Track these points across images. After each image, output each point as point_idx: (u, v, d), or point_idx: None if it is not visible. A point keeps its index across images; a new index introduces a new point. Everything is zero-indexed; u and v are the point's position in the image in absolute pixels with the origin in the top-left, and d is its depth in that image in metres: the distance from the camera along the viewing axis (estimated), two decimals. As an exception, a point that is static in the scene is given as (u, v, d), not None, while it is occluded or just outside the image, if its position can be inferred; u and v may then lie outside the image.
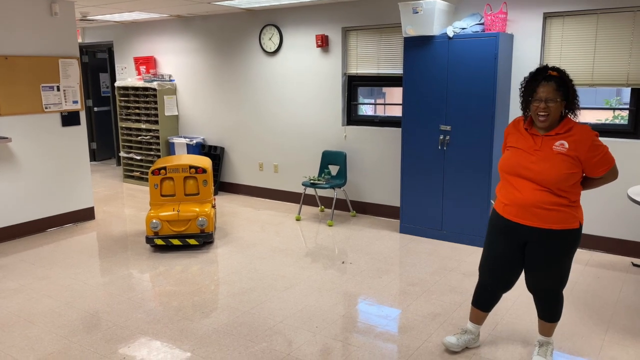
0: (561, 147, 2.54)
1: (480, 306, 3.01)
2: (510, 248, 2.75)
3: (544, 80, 2.54)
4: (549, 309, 2.82)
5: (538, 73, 2.59)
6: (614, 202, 4.61)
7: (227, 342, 3.18)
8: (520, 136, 2.70)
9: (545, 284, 2.74)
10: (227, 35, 6.85)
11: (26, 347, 3.15)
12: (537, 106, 2.56)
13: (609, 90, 7.19)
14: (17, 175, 5.22)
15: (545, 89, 2.53)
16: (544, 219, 2.58)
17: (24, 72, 5.16)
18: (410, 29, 4.83)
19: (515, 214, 2.66)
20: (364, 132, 5.92)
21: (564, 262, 2.67)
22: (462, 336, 3.07)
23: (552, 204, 2.56)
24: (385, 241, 5.11)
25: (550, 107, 2.53)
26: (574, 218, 2.60)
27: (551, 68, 2.59)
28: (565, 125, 2.59)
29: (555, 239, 2.61)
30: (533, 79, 2.60)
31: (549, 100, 2.52)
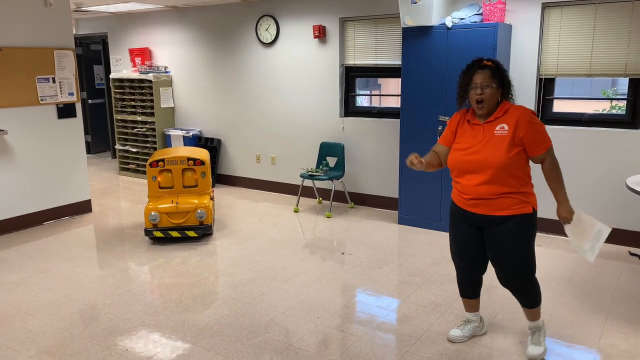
0: (502, 130, 2.63)
1: (467, 295, 3.06)
2: (470, 233, 2.83)
3: (479, 69, 2.67)
4: (526, 297, 2.84)
5: (473, 64, 2.71)
6: (611, 192, 4.63)
7: (230, 333, 3.18)
8: (465, 130, 2.78)
9: (511, 272, 2.77)
10: (223, 26, 6.81)
11: (28, 339, 3.14)
12: (474, 93, 2.66)
13: (605, 80, 7.21)
14: (13, 168, 5.18)
15: (480, 76, 2.65)
16: (494, 207, 2.67)
17: (19, 63, 5.10)
18: (409, 20, 4.81)
19: (468, 205, 2.75)
20: (362, 124, 5.92)
21: (522, 246, 2.71)
22: (465, 326, 3.09)
23: (496, 194, 2.64)
24: (383, 232, 5.12)
25: (486, 92, 2.63)
26: (525, 203, 2.66)
27: (486, 59, 2.71)
28: (502, 108, 2.69)
29: (509, 224, 2.67)
30: (469, 69, 2.71)
31: (484, 86, 2.63)
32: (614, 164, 4.58)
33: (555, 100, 4.92)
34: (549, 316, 3.37)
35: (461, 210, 2.81)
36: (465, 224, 2.83)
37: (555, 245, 4.69)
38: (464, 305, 3.12)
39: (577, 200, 4.78)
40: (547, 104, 4.90)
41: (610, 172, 4.60)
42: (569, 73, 4.71)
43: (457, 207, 2.85)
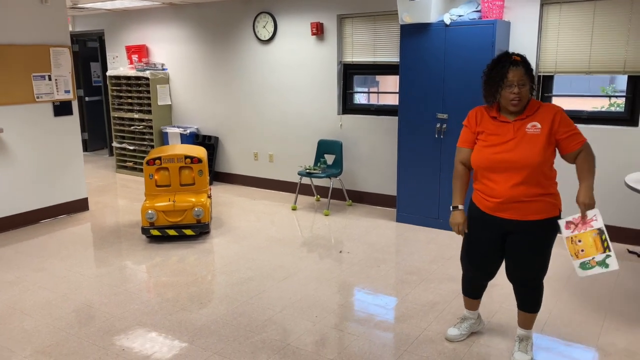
0: (534, 128, 2.52)
1: (470, 294, 3.03)
2: (490, 239, 2.71)
3: (512, 66, 2.51)
4: (529, 299, 2.77)
5: (503, 59, 2.56)
6: (610, 190, 4.62)
7: (227, 333, 3.16)
8: (489, 127, 2.63)
9: (526, 273, 2.70)
10: (220, 23, 6.77)
11: (23, 339, 3.11)
12: (510, 92, 2.51)
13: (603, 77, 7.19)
14: (9, 166, 5.14)
15: (515, 73, 2.50)
16: (523, 212, 2.56)
17: (15, 61, 5.06)
18: (407, 16, 4.79)
19: (493, 209, 2.61)
20: (360, 121, 5.89)
21: (545, 251, 2.65)
22: (462, 324, 3.08)
23: (531, 195, 2.53)
24: (382, 230, 5.10)
25: (523, 90, 2.51)
26: (554, 206, 2.59)
27: (514, 53, 2.58)
28: (533, 105, 2.58)
29: (536, 229, 2.58)
30: (499, 65, 2.55)
31: (521, 85, 2.50)
32: (612, 162, 4.57)
33: (554, 97, 4.90)
34: (547, 314, 3.36)
35: (485, 215, 2.67)
36: (486, 231, 2.70)
37: (554, 243, 4.66)
38: (464, 302, 3.09)
39: (574, 198, 4.75)
40: (545, 101, 4.88)
41: (609, 170, 4.59)
42: (568, 70, 4.69)
43: (480, 211, 2.69)
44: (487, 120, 2.66)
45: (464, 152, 2.75)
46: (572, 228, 2.41)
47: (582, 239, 2.38)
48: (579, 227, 2.40)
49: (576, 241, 2.40)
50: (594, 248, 2.36)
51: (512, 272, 2.74)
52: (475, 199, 2.74)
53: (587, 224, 2.39)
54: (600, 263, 2.37)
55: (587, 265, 2.41)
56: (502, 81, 2.52)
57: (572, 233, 2.43)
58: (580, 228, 2.40)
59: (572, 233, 2.43)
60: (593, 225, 2.36)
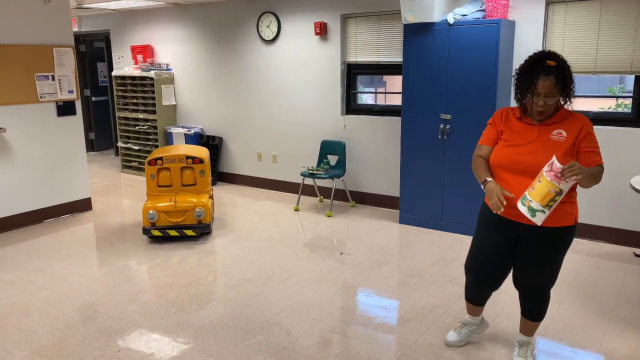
0: (559, 136, 2.42)
1: (473, 301, 2.92)
2: (501, 243, 2.62)
3: (543, 74, 2.35)
4: (535, 308, 2.71)
5: (536, 63, 2.40)
6: (616, 192, 4.54)
7: (224, 334, 3.14)
8: (513, 127, 2.55)
9: (535, 281, 2.63)
10: (224, 23, 6.76)
11: (20, 339, 3.11)
12: (535, 103, 2.41)
13: (612, 78, 7.10)
14: (12, 166, 5.16)
15: (544, 84, 2.35)
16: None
17: (18, 61, 5.08)
18: (410, 16, 4.74)
19: (507, 212, 2.50)
20: (364, 122, 5.85)
21: (556, 260, 2.57)
22: (462, 330, 3.01)
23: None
24: (384, 232, 5.06)
25: (549, 104, 2.39)
26: (570, 215, 2.49)
27: (549, 56, 2.41)
28: (562, 113, 2.47)
29: (550, 237, 2.50)
30: (531, 71, 2.40)
31: (548, 97, 2.37)
32: (618, 164, 4.49)
33: (560, 98, 4.82)
34: (549, 319, 3.30)
35: (497, 217, 2.58)
36: (499, 234, 2.61)
37: (558, 245, 4.60)
38: (467, 307, 2.98)
39: (581, 200, 4.69)
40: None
41: (615, 172, 4.51)
42: (574, 70, 4.48)
43: (492, 213, 2.60)
44: (512, 120, 2.57)
45: (484, 150, 2.64)
46: (549, 169, 2.29)
47: (542, 183, 2.28)
48: (551, 173, 2.28)
49: (538, 180, 2.31)
50: (541, 197, 2.29)
51: (520, 280, 2.66)
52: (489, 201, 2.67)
53: (558, 178, 2.25)
54: (531, 210, 2.31)
55: (524, 201, 2.35)
56: (530, 90, 2.40)
57: (544, 171, 2.30)
58: (552, 175, 2.28)
59: (544, 171, 2.30)
60: (560, 185, 2.26)
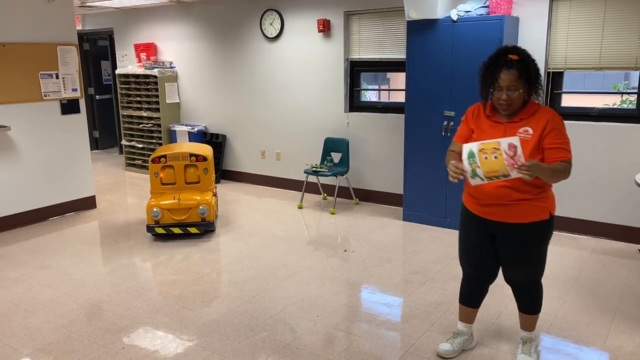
0: (525, 133, 2.40)
1: (469, 303, 2.87)
2: (482, 240, 2.64)
3: (505, 68, 2.36)
4: (528, 301, 2.72)
5: (498, 58, 2.41)
6: (621, 189, 4.52)
7: (227, 332, 3.15)
8: (482, 126, 2.55)
9: (520, 275, 2.65)
10: (227, 21, 6.76)
11: (25, 337, 3.13)
12: (498, 97, 2.41)
13: (617, 74, 7.06)
14: (17, 164, 5.18)
15: (506, 77, 2.36)
16: (508, 214, 2.48)
17: (22, 59, 5.10)
18: (413, 13, 4.72)
19: (479, 210, 2.56)
20: (367, 119, 5.84)
21: (536, 253, 2.57)
22: (455, 340, 2.90)
23: (516, 199, 2.44)
24: (388, 229, 5.06)
25: (512, 97, 2.38)
26: (542, 209, 2.49)
27: (511, 50, 2.41)
28: (530, 109, 2.45)
29: (524, 232, 2.50)
30: (493, 65, 2.41)
31: (510, 90, 2.37)
32: (622, 160, 4.47)
33: (564, 94, 4.81)
34: (553, 316, 3.29)
35: (474, 216, 2.62)
36: (476, 230, 2.65)
37: (562, 242, 4.59)
38: (459, 312, 2.92)
39: (585, 197, 4.68)
40: (555, 98, 4.79)
41: (619, 168, 4.49)
42: (578, 66, 4.60)
43: (468, 211, 2.65)
44: (481, 117, 2.58)
45: (457, 147, 2.61)
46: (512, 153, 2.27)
47: (497, 161, 2.29)
48: (510, 160, 2.27)
49: (495, 154, 2.30)
50: (488, 170, 2.31)
51: (507, 275, 2.69)
52: (465, 199, 2.69)
53: (514, 167, 2.26)
54: (474, 173, 2.35)
55: (472, 161, 2.35)
56: (493, 84, 2.41)
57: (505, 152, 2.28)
58: (509, 161, 2.27)
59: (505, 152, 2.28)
60: (511, 172, 2.28)
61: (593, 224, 4.69)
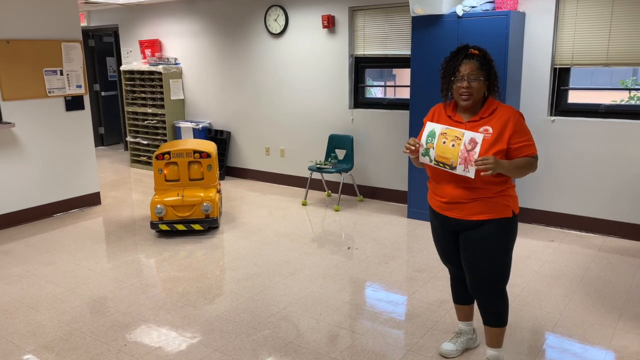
0: (486, 132, 2.37)
1: (459, 300, 2.85)
2: (448, 238, 2.63)
3: (465, 59, 2.40)
4: (491, 311, 2.58)
5: (459, 52, 2.45)
6: (628, 186, 4.47)
7: (230, 329, 3.14)
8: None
9: (482, 278, 2.52)
10: (232, 17, 6.73)
11: (28, 333, 3.13)
12: (459, 86, 2.40)
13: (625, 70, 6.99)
14: (21, 161, 5.19)
15: (467, 66, 2.38)
16: (467, 211, 2.45)
17: (27, 56, 5.10)
18: (419, 8, 4.68)
19: (440, 207, 2.55)
20: (372, 115, 5.81)
21: (498, 253, 2.47)
22: (457, 339, 2.87)
23: (474, 197, 2.42)
24: (392, 226, 5.03)
25: (473, 86, 2.38)
26: (504, 207, 2.43)
27: (472, 47, 2.44)
28: (489, 107, 2.44)
29: (486, 229, 2.44)
30: (454, 58, 2.44)
31: (471, 79, 2.38)
32: (630, 157, 4.42)
33: (571, 90, 4.76)
34: (559, 315, 3.26)
35: (435, 213, 2.62)
36: (442, 229, 2.63)
37: (568, 240, 4.55)
38: (457, 313, 2.91)
39: (592, 194, 4.63)
40: (561, 94, 4.74)
41: (626, 165, 4.44)
42: (585, 62, 4.55)
43: (433, 210, 2.65)
44: (443, 118, 2.54)
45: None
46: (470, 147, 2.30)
47: (453, 150, 2.34)
48: (465, 153, 2.30)
49: (453, 142, 2.35)
50: (440, 154, 2.40)
51: (469, 279, 2.58)
52: (429, 198, 2.68)
53: (466, 161, 2.30)
54: (426, 151, 2.47)
55: (429, 141, 2.47)
56: (454, 75, 2.42)
57: (465, 144, 2.31)
58: (463, 155, 2.31)
59: (465, 144, 2.31)
60: (457, 165, 2.33)
61: (600, 222, 4.65)
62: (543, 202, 4.90)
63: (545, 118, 4.75)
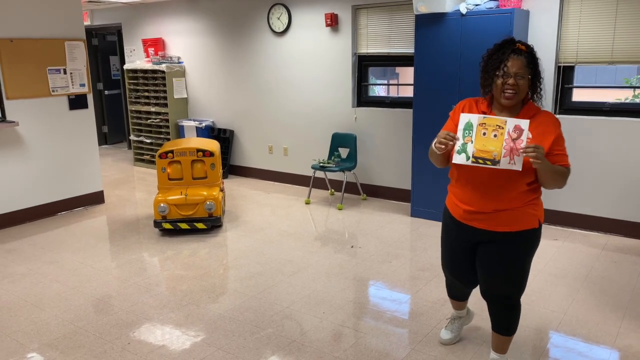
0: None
1: (457, 297, 2.86)
2: (463, 249, 2.50)
3: (513, 54, 2.23)
4: (504, 319, 2.50)
5: (506, 45, 2.27)
6: (633, 185, 4.45)
7: (233, 328, 3.14)
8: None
9: (500, 289, 2.44)
10: (235, 15, 6.73)
11: (32, 331, 3.14)
12: (504, 81, 2.23)
13: (629, 68, 6.95)
14: (24, 159, 5.20)
15: (515, 62, 2.21)
16: (496, 222, 2.32)
17: (30, 55, 5.11)
18: (422, 6, 4.67)
19: (465, 217, 2.39)
20: (375, 114, 5.80)
21: (521, 265, 2.38)
22: (452, 325, 2.93)
23: (505, 206, 2.28)
24: (395, 225, 5.02)
25: (520, 84, 2.22)
26: (532, 217, 2.32)
27: (519, 41, 2.29)
28: (529, 111, 2.29)
29: (511, 241, 2.34)
30: (500, 51, 2.27)
31: (518, 76, 2.21)
32: (635, 155, 4.40)
33: (575, 88, 4.74)
34: (563, 314, 3.25)
35: (457, 222, 2.45)
36: (459, 240, 2.49)
37: (573, 239, 4.53)
38: (451, 304, 2.92)
39: (596, 193, 4.61)
40: (565, 92, 4.72)
41: (630, 164, 4.42)
42: (590, 60, 4.53)
43: (452, 218, 2.48)
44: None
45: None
46: (515, 136, 2.12)
47: (496, 141, 2.13)
48: (510, 143, 2.12)
49: (494, 133, 2.15)
50: (480, 149, 2.16)
51: (485, 288, 2.49)
52: (449, 204, 2.51)
53: (511, 152, 2.12)
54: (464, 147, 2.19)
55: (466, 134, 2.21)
56: (500, 69, 2.24)
57: (508, 132, 2.13)
58: (508, 145, 2.13)
59: (508, 132, 2.13)
60: (502, 158, 2.12)
61: (604, 221, 4.63)
62: (547, 201, 4.88)
63: (549, 116, 4.73)
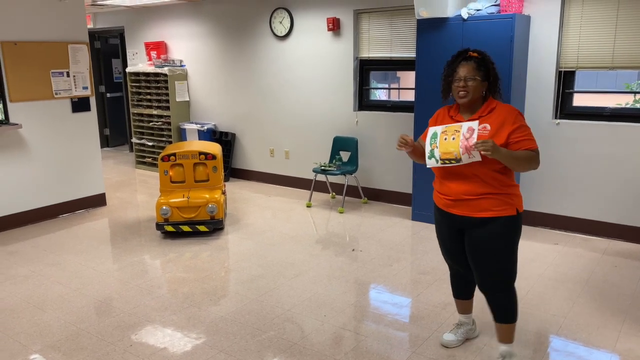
0: (484, 130, 2.48)
1: (459, 295, 2.95)
2: (452, 236, 2.71)
3: (463, 60, 2.55)
4: (501, 308, 2.66)
5: (458, 55, 2.59)
6: (633, 189, 4.47)
7: (234, 330, 3.15)
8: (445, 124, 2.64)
9: (488, 277, 2.61)
10: (237, 19, 6.76)
11: (34, 333, 3.15)
12: (457, 85, 2.54)
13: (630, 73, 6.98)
14: (28, 162, 5.23)
15: (464, 68, 2.52)
16: (472, 208, 2.53)
17: (34, 58, 5.14)
18: (423, 11, 4.69)
19: (447, 205, 2.63)
20: (376, 118, 5.82)
21: (502, 251, 2.55)
22: (458, 330, 2.98)
23: (479, 194, 2.50)
24: (396, 228, 5.04)
25: (470, 85, 2.50)
26: (508, 205, 2.51)
27: (472, 50, 2.58)
28: (488, 106, 2.55)
29: (490, 226, 2.52)
30: (453, 61, 2.59)
31: (468, 79, 2.50)
32: (636, 160, 4.41)
33: (576, 93, 4.76)
34: (563, 318, 3.26)
35: (441, 211, 2.69)
36: (447, 227, 2.71)
37: (573, 243, 4.54)
38: (456, 306, 3.02)
39: (597, 197, 4.63)
40: (566, 97, 4.74)
41: (632, 169, 4.44)
42: (590, 66, 4.55)
43: (437, 208, 2.73)
44: (446, 119, 2.66)
45: (422, 143, 2.75)
46: (468, 135, 2.41)
47: (454, 142, 2.44)
48: (464, 142, 2.41)
49: (453, 136, 2.46)
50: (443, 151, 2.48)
51: (477, 279, 2.67)
52: (434, 197, 2.75)
53: (467, 149, 2.40)
54: (432, 153, 2.54)
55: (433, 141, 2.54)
56: (452, 76, 2.56)
57: (463, 133, 2.43)
58: (464, 144, 2.41)
59: (463, 133, 2.43)
60: (462, 155, 2.41)
61: (604, 225, 4.64)
62: (547, 205, 4.90)
63: (550, 121, 4.75)
